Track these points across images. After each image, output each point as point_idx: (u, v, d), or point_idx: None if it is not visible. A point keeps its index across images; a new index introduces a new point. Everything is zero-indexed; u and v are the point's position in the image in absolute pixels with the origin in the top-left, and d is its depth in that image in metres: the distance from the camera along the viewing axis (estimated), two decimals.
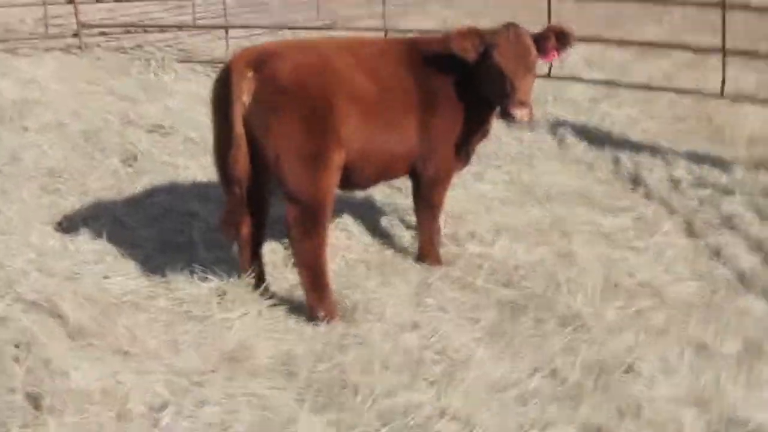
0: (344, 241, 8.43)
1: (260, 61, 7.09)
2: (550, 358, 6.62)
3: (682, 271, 7.92)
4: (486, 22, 15.68)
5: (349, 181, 7.51)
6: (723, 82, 10.98)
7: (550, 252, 8.21)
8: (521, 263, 7.96)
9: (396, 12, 17.14)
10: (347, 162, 7.26)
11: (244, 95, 6.97)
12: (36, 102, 12.48)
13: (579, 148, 10.59)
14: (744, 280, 7.74)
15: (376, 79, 7.42)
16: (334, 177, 7.19)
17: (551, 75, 12.57)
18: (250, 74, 7.02)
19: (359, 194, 8.90)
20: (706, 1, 14.00)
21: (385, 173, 7.86)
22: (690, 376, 6.39)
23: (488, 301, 7.47)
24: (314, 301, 7.23)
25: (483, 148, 10.25)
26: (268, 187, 7.36)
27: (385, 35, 13.45)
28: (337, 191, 7.41)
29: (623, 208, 9.10)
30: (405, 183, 8.31)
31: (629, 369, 6.42)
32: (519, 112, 7.36)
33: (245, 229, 7.46)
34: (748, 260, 8.03)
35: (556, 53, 7.62)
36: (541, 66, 12.75)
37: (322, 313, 7.18)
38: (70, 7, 16.96)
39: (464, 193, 9.24)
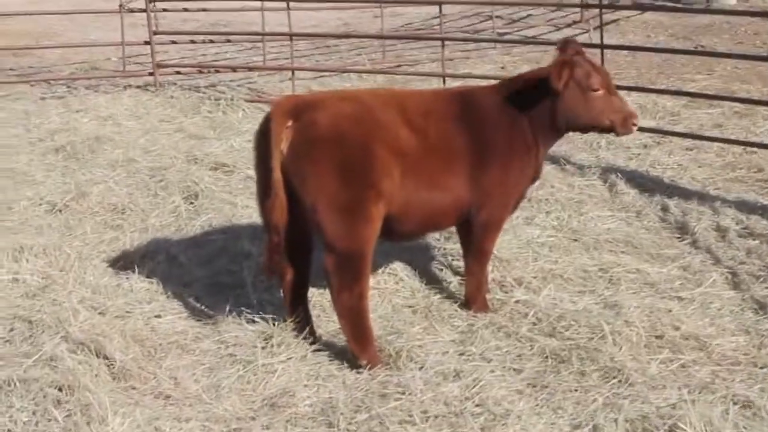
0: (392, 285, 7.97)
1: (300, 110, 6.74)
2: (592, 413, 6.11)
3: (728, 324, 7.32)
4: None
5: (393, 232, 7.07)
6: None
7: (595, 301, 7.68)
8: (566, 312, 7.42)
9: (457, 56, 16.77)
10: (390, 215, 6.84)
11: (282, 143, 6.60)
12: (109, 138, 12.18)
13: (629, 194, 10.02)
14: None
15: (421, 132, 6.97)
16: (372, 229, 6.75)
17: None
18: (289, 123, 6.66)
19: None
20: (754, 53, 13.59)
21: (431, 226, 7.46)
22: None
23: (532, 350, 6.96)
24: (356, 349, 6.80)
25: (534, 194, 9.84)
26: (310, 233, 6.93)
27: (443, 81, 12.99)
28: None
29: (670, 257, 8.53)
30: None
31: (673, 428, 5.87)
32: (634, 122, 7.38)
33: (288, 275, 7.03)
34: None
35: None
36: None
37: (364, 361, 6.75)
38: (165, 47, 16.97)
39: (513, 238, 8.72)
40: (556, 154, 11.25)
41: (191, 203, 9.90)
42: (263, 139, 6.75)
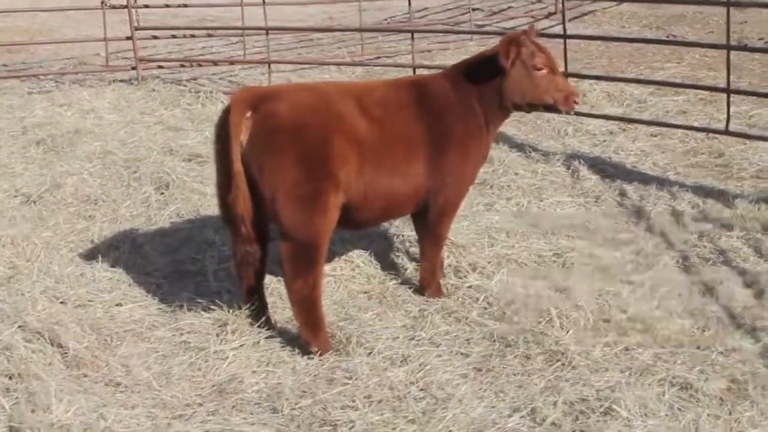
0: (348, 271, 7.85)
1: (258, 101, 6.59)
2: (532, 396, 6.01)
3: (674, 307, 7.20)
4: None
5: (351, 221, 6.96)
6: (728, 118, 10.21)
7: (547, 285, 7.55)
8: (517, 296, 7.33)
9: (435, 48, 16.64)
10: (349, 204, 6.73)
11: (241, 134, 6.45)
12: (89, 131, 12.07)
13: (590, 180, 9.90)
14: (734, 317, 7.00)
15: (378, 121, 6.85)
16: (330, 218, 6.64)
17: None
18: (248, 114, 6.51)
19: None
20: (715, 42, 13.45)
21: (390, 213, 7.33)
22: (670, 417, 5.75)
23: (480, 335, 6.86)
24: (308, 336, 6.70)
25: (496, 180, 9.75)
26: (266, 223, 6.80)
27: (414, 71, 12.86)
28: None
29: (624, 242, 8.41)
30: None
31: (608, 410, 5.77)
32: (576, 100, 7.30)
33: (245, 263, 6.88)
34: (741, 297, 7.29)
35: None
36: None
37: (315, 348, 6.65)
38: (153, 41, 17.05)
39: (472, 224, 8.61)
40: (523, 142, 11.17)
41: (162, 193, 9.78)
42: (222, 131, 6.62)
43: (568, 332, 6.79)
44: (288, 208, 6.49)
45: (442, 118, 7.10)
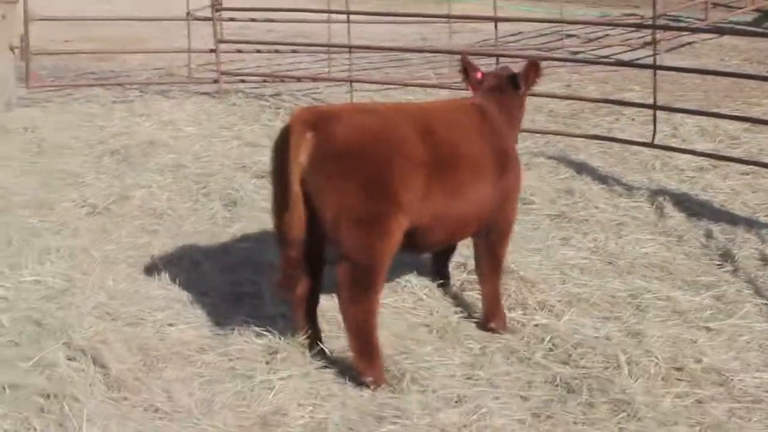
0: (410, 303, 7.54)
1: (318, 121, 6.37)
2: None
3: (754, 358, 6.76)
4: (609, 89, 14.97)
5: (416, 244, 6.75)
6: None
7: (618, 328, 7.16)
8: (585, 339, 6.94)
9: None
10: (413, 227, 6.49)
11: (301, 155, 6.23)
12: (164, 144, 11.95)
13: (674, 218, 9.46)
14: None
15: (446, 143, 6.65)
16: (391, 242, 6.39)
17: (655, 143, 11.42)
18: (308, 134, 6.28)
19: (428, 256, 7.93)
20: None
21: (455, 236, 7.13)
22: None
23: (542, 378, 6.48)
24: (362, 365, 6.41)
25: (575, 213, 9.40)
26: (324, 247, 6.57)
27: None
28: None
29: (705, 285, 7.98)
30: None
31: None
32: None
33: (300, 289, 6.65)
34: None
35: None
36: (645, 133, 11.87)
37: (369, 379, 6.36)
38: (240, 55, 16.94)
39: (544, 259, 8.25)
40: (607, 174, 10.77)
41: (229, 210, 9.63)
42: (281, 150, 6.42)
43: (636, 380, 6.40)
44: (348, 231, 6.29)
45: (501, 137, 7.10)
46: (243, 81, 15.42)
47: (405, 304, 7.52)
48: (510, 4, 22.51)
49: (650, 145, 11.46)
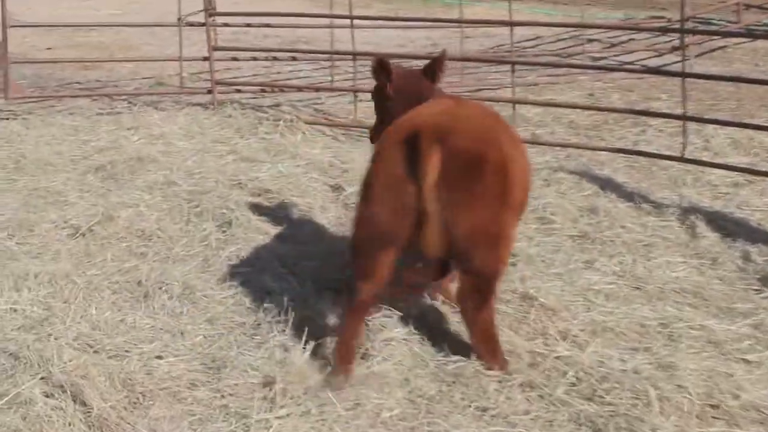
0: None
1: (443, 134, 6.56)
2: None
3: None
4: (635, 97, 14.87)
5: None
6: None
7: (648, 360, 7.01)
8: (612, 372, 6.79)
9: (543, 81, 16.21)
10: None
11: (434, 170, 6.44)
12: (153, 159, 11.83)
13: (708, 239, 9.32)
14: None
15: (519, 148, 7.21)
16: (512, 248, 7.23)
17: (685, 156, 11.31)
18: (437, 146, 6.48)
19: None
20: None
21: None
22: None
23: (564, 416, 6.36)
24: (493, 360, 6.87)
25: (599, 233, 9.30)
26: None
27: (513, 107, 12.57)
28: None
29: (742, 313, 7.85)
30: None
31: None
32: None
33: (370, 300, 6.98)
34: None
35: None
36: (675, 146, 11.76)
37: (498, 367, 6.84)
38: (236, 63, 16.75)
39: (567, 285, 8.14)
40: (633, 191, 10.65)
41: (223, 231, 9.53)
42: (404, 163, 6.56)
43: (668, 419, 6.28)
44: (485, 244, 6.61)
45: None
46: (239, 91, 15.32)
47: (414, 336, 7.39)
48: (526, 7, 22.44)
49: (680, 158, 11.35)
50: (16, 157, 12.29)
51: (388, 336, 7.17)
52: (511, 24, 13.13)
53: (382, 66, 7.87)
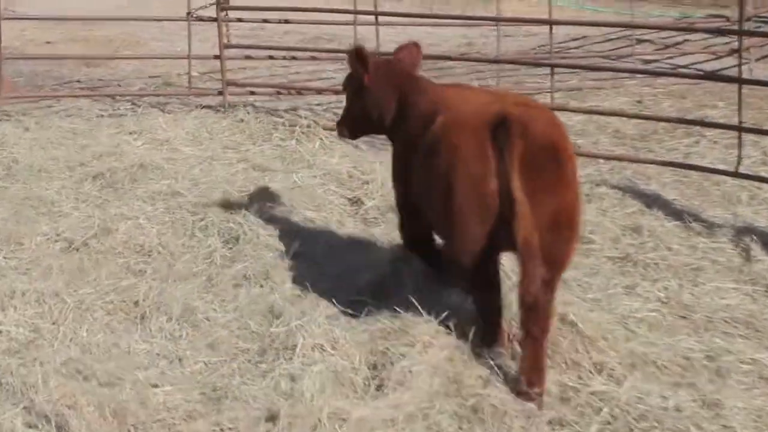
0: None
1: (526, 122, 7.01)
2: None
3: None
4: (688, 105, 14.84)
5: None
6: None
7: (692, 397, 7.00)
8: (651, 410, 6.78)
9: (588, 86, 16.21)
10: None
11: (518, 159, 6.88)
12: (157, 167, 11.89)
13: (764, 263, 9.31)
14: None
15: None
16: None
17: (740, 171, 11.28)
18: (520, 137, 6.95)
19: None
20: None
21: None
22: None
23: None
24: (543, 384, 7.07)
25: (643, 255, 9.29)
26: None
27: None
28: None
29: None
30: None
31: None
32: None
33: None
34: None
35: None
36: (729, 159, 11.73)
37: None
38: (238, 62, 16.71)
39: (605, 312, 8.13)
40: (683, 209, 10.63)
41: (230, 248, 9.59)
42: (488, 154, 6.99)
43: None
44: (572, 238, 7.13)
45: None
46: (252, 93, 15.35)
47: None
48: (574, 3, 22.48)
49: (735, 174, 11.30)
50: (7, 162, 12.37)
51: (407, 364, 7.15)
52: (550, 23, 13.15)
53: (359, 55, 8.18)
